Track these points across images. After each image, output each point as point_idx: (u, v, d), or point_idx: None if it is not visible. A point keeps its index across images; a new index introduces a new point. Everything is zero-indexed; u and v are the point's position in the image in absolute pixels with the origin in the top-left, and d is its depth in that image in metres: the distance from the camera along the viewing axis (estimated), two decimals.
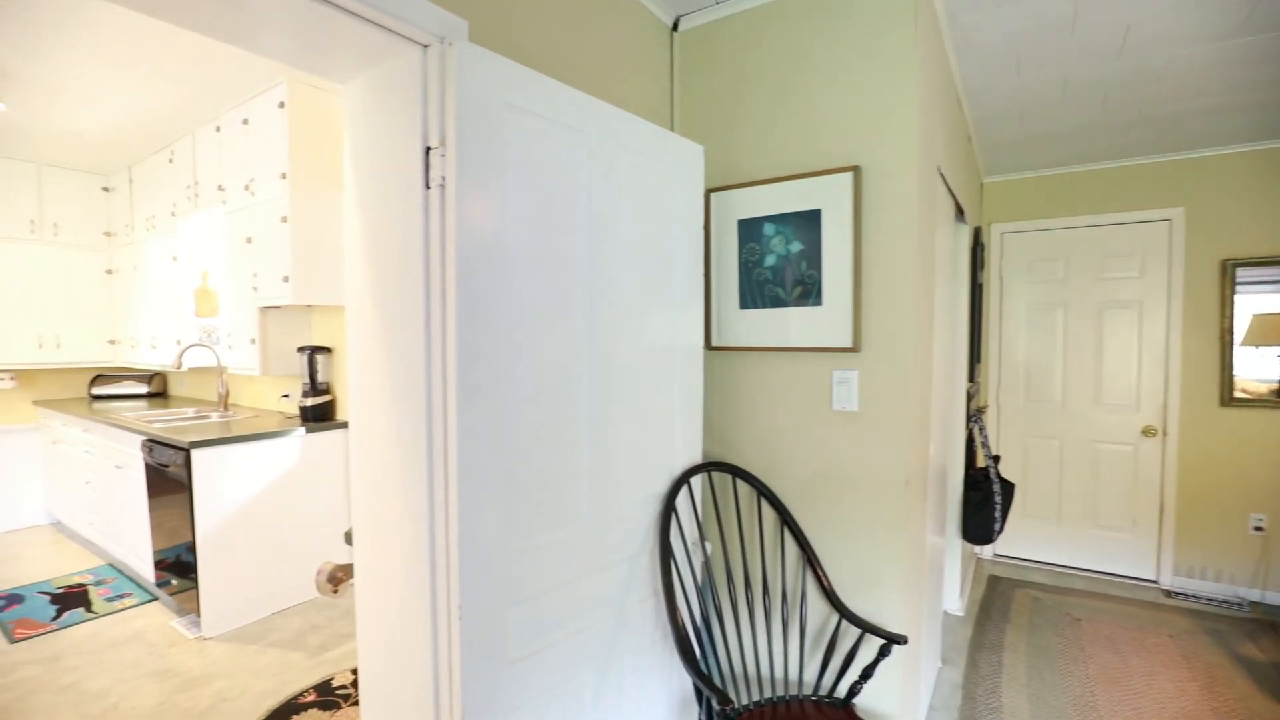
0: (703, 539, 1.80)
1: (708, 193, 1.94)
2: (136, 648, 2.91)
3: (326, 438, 3.40)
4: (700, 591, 1.74)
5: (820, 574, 1.79)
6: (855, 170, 1.71)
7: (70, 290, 4.80)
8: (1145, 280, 3.63)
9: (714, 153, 1.95)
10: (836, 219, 1.73)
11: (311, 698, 2.43)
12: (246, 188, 3.37)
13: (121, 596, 3.48)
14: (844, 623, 1.78)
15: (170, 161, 4.09)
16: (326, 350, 3.47)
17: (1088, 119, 2.95)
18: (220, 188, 3.59)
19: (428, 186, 1.24)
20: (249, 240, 3.38)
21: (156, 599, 3.45)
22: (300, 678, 2.63)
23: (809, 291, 1.78)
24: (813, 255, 1.77)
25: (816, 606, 1.84)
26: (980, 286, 3.62)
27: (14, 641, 2.99)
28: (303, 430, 3.30)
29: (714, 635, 1.69)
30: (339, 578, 1.59)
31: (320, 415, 3.43)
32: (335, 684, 2.53)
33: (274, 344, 3.47)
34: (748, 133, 1.92)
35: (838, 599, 1.77)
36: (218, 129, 3.59)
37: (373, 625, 1.43)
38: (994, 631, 3.08)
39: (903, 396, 1.71)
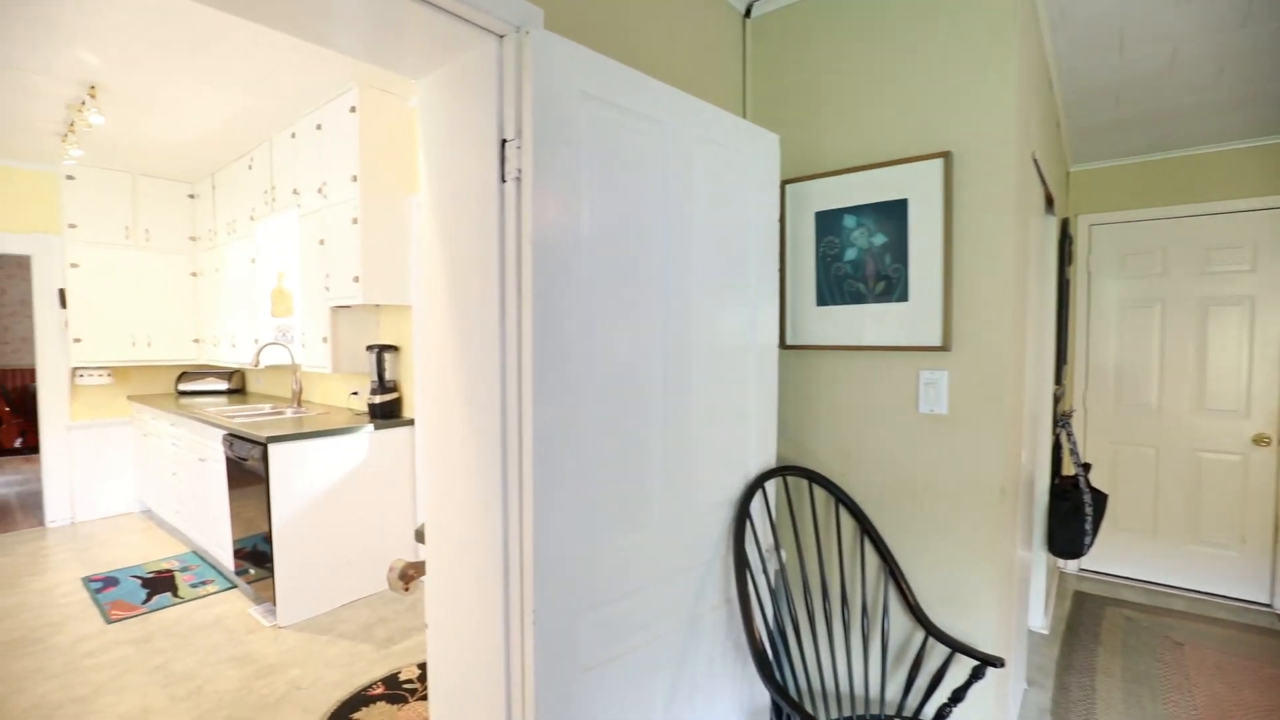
0: (777, 546, 1.72)
1: (783, 184, 1.86)
2: (218, 633, 3.04)
3: (394, 434, 3.48)
4: (775, 601, 1.66)
5: (904, 587, 1.68)
6: (946, 156, 1.59)
7: (160, 292, 5.09)
8: (1259, 274, 3.31)
9: (789, 142, 1.87)
10: (924, 209, 1.62)
11: (380, 690, 2.47)
12: (320, 191, 3.48)
13: (204, 583, 3.65)
14: (930, 640, 1.66)
15: (249, 168, 4.28)
16: (394, 349, 3.55)
17: (1196, 97, 2.70)
18: (295, 191, 3.73)
19: (503, 180, 1.21)
20: (321, 242, 3.49)
21: (235, 586, 3.61)
22: (368, 669, 2.68)
23: (893, 286, 1.68)
24: (897, 248, 1.67)
25: (899, 621, 1.73)
26: (1067, 282, 3.38)
27: (110, 622, 3.17)
28: (371, 427, 3.38)
29: (789, 647, 1.61)
30: (410, 575, 1.59)
31: (388, 412, 3.51)
32: (402, 678, 2.57)
33: (344, 342, 3.57)
34: (825, 120, 1.82)
35: (923, 614, 1.66)
36: (293, 135, 3.73)
37: (443, 625, 1.42)
38: (1083, 653, 2.86)
39: (998, 400, 1.58)
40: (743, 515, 1.62)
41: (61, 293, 4.76)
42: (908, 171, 1.65)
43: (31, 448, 7.71)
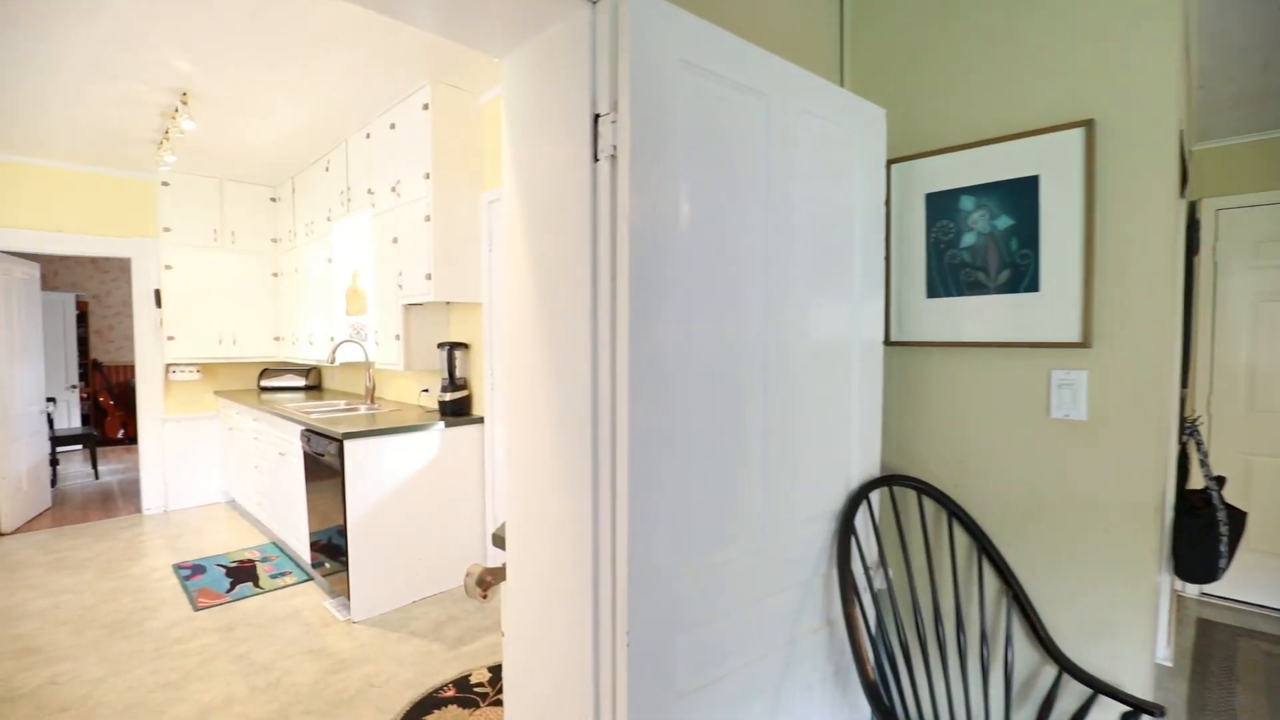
0: (883, 564, 1.56)
1: (888, 164, 1.68)
2: (295, 625, 3.10)
3: (464, 432, 3.47)
4: (880, 624, 1.50)
5: (1031, 614, 1.49)
6: (1087, 125, 1.39)
7: (244, 291, 5.32)
8: None
9: (894, 117, 1.69)
10: (1060, 186, 1.43)
11: (451, 693, 2.44)
12: (393, 189, 3.52)
13: (283, 574, 3.75)
14: (1064, 677, 1.46)
15: (326, 170, 4.38)
16: (464, 346, 3.54)
17: None
18: (369, 191, 3.78)
19: (596, 158, 1.11)
20: (395, 240, 3.52)
21: (311, 579, 3.68)
22: (440, 670, 2.66)
23: (1021, 275, 1.48)
24: (1026, 231, 1.47)
25: (1024, 652, 1.53)
26: (1191, 274, 3.03)
27: (197, 609, 3.29)
28: (442, 424, 3.38)
29: (898, 675, 1.45)
30: (488, 582, 1.51)
31: (458, 410, 3.51)
32: (473, 681, 2.53)
33: (416, 340, 3.59)
34: (937, 89, 1.64)
35: (1055, 647, 1.46)
36: (367, 135, 3.78)
37: (522, 637, 1.33)
38: (1219, 690, 2.54)
39: (1151, 403, 1.37)
40: (847, 529, 1.46)
41: (157, 293, 5.02)
42: (1039, 144, 1.45)
43: (131, 439, 8.27)
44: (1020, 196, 1.48)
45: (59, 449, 6.68)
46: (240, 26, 2.69)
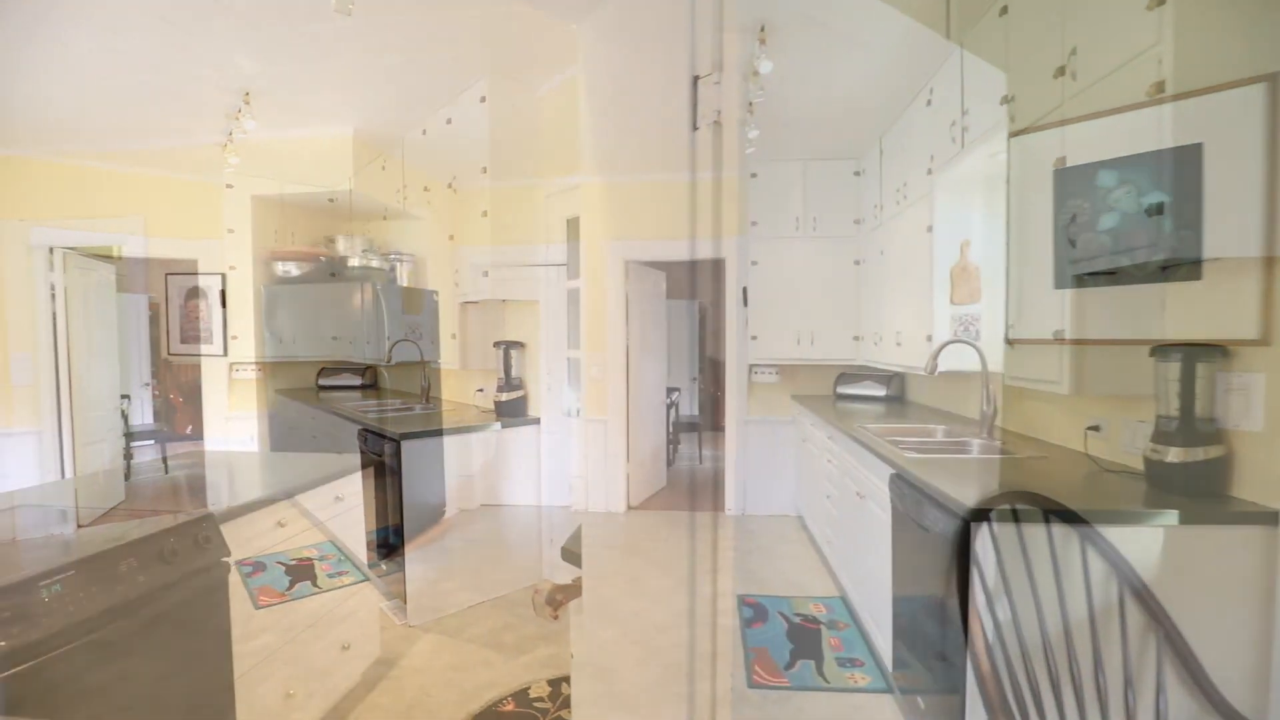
0: (1006, 591, 1.37)
1: (1008, 136, 1.49)
2: (352, 628, 3.06)
3: (520, 433, 3.39)
4: (1006, 661, 1.31)
5: (1187, 657, 1.27)
6: (1271, 80, 1.17)
7: (302, 292, 5.39)
8: None
9: (1014, 80, 1.49)
10: (1231, 155, 1.21)
11: (510, 707, 2.34)
12: (449, 185, 3.47)
13: (340, 574, 3.74)
14: None
15: (383, 169, 4.38)
16: (520, 345, 3.46)
17: None
18: (425, 189, 3.75)
19: (695, 126, 0.97)
20: (451, 238, 3.48)
21: (368, 580, 3.66)
22: (498, 680, 2.56)
23: (1177, 261, 1.27)
24: (1185, 210, 1.26)
25: (1179, 702, 1.31)
26: None
27: (258, 608, 3.29)
28: (498, 425, 3.30)
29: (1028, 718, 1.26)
30: (559, 600, 1.39)
31: (514, 410, 3.42)
32: (532, 695, 2.42)
33: (472, 339, 3.53)
34: (1065, 46, 1.44)
35: (1220, 697, 1.24)
36: (424, 132, 3.74)
37: (598, 667, 1.20)
38: None
39: None
40: (964, 555, 1.28)
41: (223, 293, 5.14)
42: (1203, 106, 1.24)
43: (199, 434, 8.58)
44: (1177, 169, 1.26)
45: (132, 444, 6.95)
46: (300, 23, 2.66)
